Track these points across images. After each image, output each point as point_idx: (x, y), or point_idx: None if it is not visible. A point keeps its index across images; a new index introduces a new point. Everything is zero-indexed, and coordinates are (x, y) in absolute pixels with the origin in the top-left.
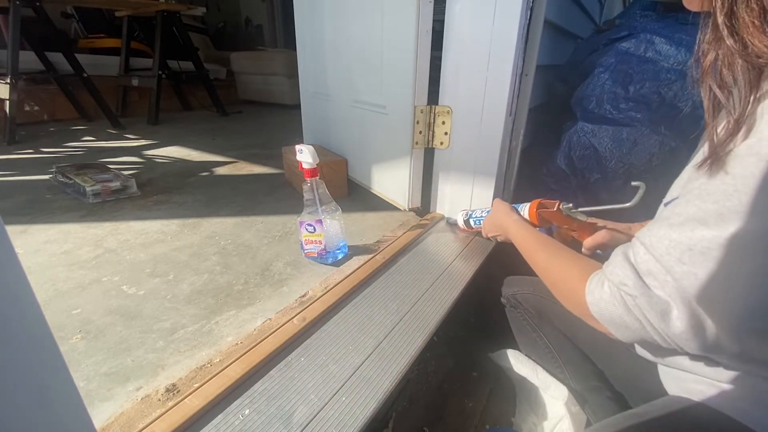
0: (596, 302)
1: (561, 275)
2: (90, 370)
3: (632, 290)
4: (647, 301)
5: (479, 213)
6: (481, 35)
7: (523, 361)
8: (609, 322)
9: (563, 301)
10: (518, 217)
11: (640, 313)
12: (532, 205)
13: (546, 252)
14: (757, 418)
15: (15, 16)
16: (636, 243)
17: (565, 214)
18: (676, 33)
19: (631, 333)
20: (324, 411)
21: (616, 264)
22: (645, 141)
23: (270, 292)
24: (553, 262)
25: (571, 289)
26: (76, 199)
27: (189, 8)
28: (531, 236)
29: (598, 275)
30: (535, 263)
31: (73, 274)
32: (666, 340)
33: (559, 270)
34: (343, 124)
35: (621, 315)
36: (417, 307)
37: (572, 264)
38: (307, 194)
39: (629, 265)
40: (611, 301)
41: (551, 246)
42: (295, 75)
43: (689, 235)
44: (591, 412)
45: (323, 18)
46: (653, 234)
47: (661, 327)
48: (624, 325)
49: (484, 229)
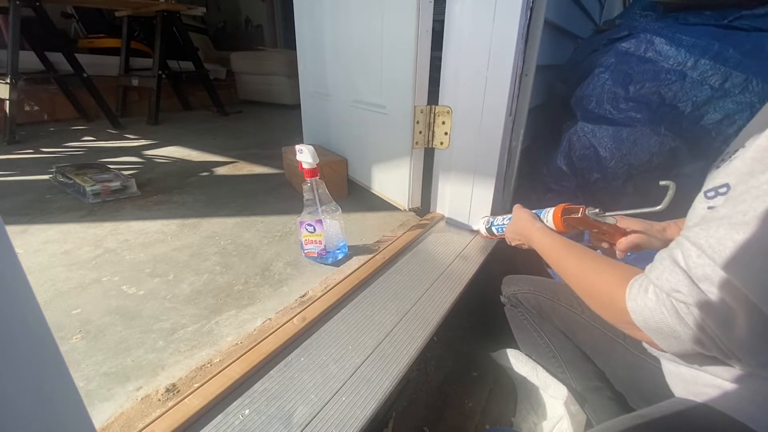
0: (640, 310)
1: (596, 282)
2: (90, 370)
3: (686, 297)
4: (705, 309)
5: (501, 220)
6: (481, 35)
7: (523, 360)
8: (656, 331)
9: (599, 309)
10: (541, 224)
11: (694, 322)
12: (556, 210)
13: (577, 258)
14: (762, 421)
15: (15, 16)
16: (686, 245)
17: (592, 219)
18: (676, 33)
19: (681, 343)
20: (324, 411)
21: (663, 269)
22: (645, 141)
23: (270, 292)
24: (586, 269)
25: (607, 295)
26: (76, 199)
27: (189, 8)
28: (558, 243)
29: (639, 280)
30: (566, 271)
31: (73, 274)
32: (724, 350)
33: (594, 276)
34: (343, 124)
35: (671, 324)
36: (417, 307)
37: (608, 269)
38: (307, 194)
39: (680, 269)
40: (658, 309)
41: (582, 252)
42: (295, 75)
43: (759, 235)
44: (592, 411)
45: (323, 18)
46: (711, 235)
47: (722, 335)
48: (673, 335)
49: (507, 238)
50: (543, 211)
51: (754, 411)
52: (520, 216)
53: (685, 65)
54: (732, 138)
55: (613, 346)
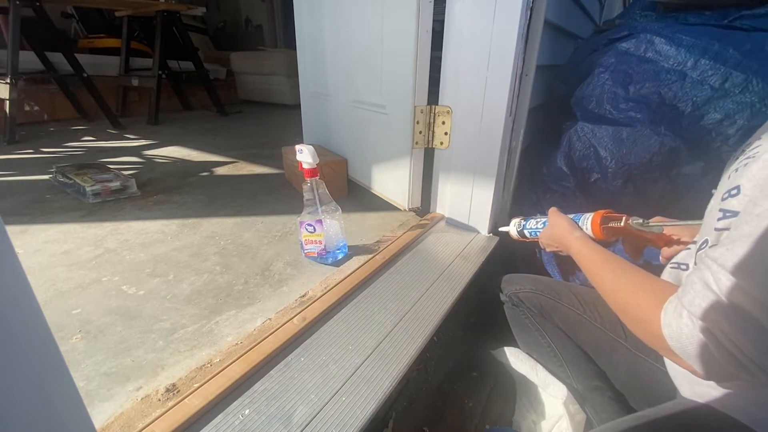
0: (677, 337)
1: (630, 302)
2: (90, 370)
3: (721, 322)
4: (742, 330)
5: (534, 224)
6: (481, 35)
7: (522, 359)
8: (695, 358)
9: (636, 331)
10: (581, 233)
11: (733, 346)
12: (595, 217)
13: (613, 273)
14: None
15: (15, 16)
16: (714, 268)
17: (636, 230)
18: (676, 33)
19: (720, 369)
20: (324, 411)
21: (695, 294)
22: (645, 141)
23: (270, 292)
24: (621, 286)
25: (643, 319)
26: (76, 199)
27: (189, 8)
28: (595, 255)
29: (673, 304)
30: (602, 285)
31: (73, 274)
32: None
33: (628, 296)
34: (343, 124)
35: (710, 351)
36: (417, 307)
37: (643, 287)
38: (307, 194)
39: (712, 293)
40: (694, 335)
41: (619, 266)
42: (295, 75)
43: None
44: (593, 411)
45: (323, 18)
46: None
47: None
48: (713, 362)
49: (542, 243)
50: (581, 217)
51: (758, 413)
52: (558, 222)
53: (685, 65)
54: (732, 138)
55: (614, 346)
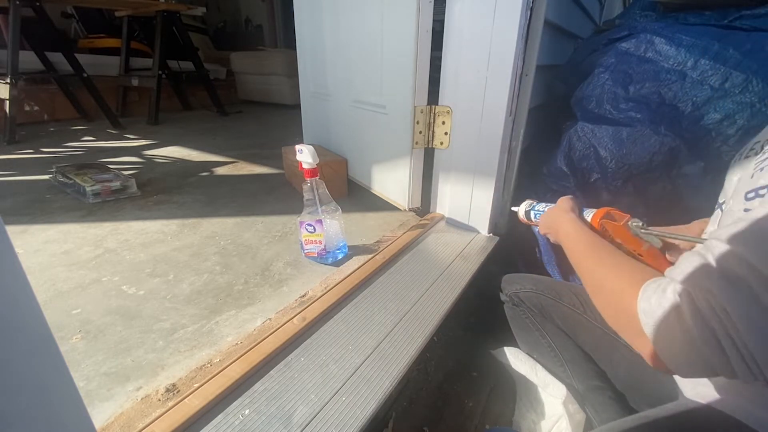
0: (652, 311)
1: (608, 276)
2: (90, 370)
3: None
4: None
5: (542, 207)
6: (481, 35)
7: (522, 359)
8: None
9: (603, 306)
10: (575, 216)
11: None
12: (598, 211)
13: (596, 251)
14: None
15: (15, 16)
16: (713, 243)
17: (633, 234)
18: (676, 33)
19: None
20: (324, 411)
21: (688, 265)
22: (645, 141)
23: (270, 292)
24: (602, 262)
25: (617, 292)
26: (76, 199)
27: (189, 8)
28: (582, 235)
29: (658, 281)
30: (579, 263)
31: (73, 274)
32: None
33: (606, 270)
34: (343, 124)
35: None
36: (417, 307)
37: (627, 267)
38: (307, 194)
39: (702, 259)
40: (674, 308)
41: (604, 249)
42: (295, 75)
43: None
44: (593, 411)
45: (323, 18)
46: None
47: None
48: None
49: (540, 225)
50: (586, 210)
51: (760, 413)
52: (560, 204)
53: (685, 65)
54: (732, 138)
55: (614, 347)
